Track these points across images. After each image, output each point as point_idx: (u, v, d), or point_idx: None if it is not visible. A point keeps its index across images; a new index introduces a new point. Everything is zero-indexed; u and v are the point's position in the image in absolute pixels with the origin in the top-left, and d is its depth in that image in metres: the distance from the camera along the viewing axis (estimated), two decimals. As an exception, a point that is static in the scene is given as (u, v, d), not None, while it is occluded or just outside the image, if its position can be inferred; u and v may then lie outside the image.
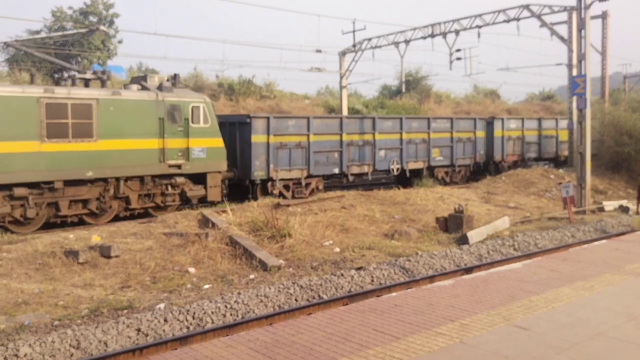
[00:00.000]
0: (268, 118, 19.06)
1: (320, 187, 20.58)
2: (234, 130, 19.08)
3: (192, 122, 16.93)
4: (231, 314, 9.44)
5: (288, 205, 16.42)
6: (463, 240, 14.74)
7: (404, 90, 36.89)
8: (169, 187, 16.76)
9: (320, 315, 6.63)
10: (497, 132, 27.07)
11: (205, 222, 14.48)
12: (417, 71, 43.89)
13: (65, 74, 16.68)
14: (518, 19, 23.10)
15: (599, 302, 6.75)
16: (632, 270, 8.37)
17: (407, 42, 27.95)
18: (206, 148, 17.27)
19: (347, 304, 9.16)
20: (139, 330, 8.61)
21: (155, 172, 16.32)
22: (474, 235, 14.92)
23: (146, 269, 11.80)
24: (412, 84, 43.05)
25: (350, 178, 21.83)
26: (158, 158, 16.27)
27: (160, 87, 16.74)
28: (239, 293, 10.27)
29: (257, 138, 18.71)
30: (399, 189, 20.95)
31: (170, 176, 16.72)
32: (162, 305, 9.79)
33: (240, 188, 19.18)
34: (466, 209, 16.09)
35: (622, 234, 14.36)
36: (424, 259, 12.75)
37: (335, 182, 23.19)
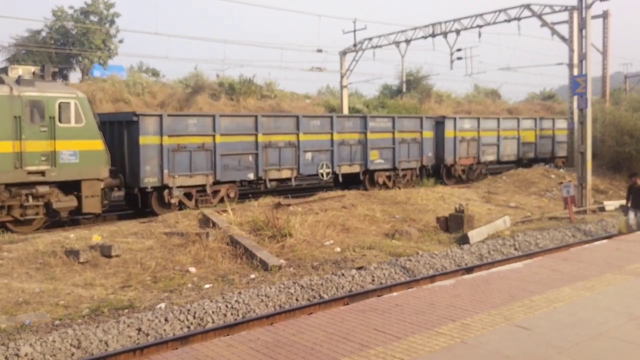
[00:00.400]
0: (160, 116, 16.69)
1: (232, 194, 18.36)
2: (122, 131, 16.81)
3: (60, 122, 14.50)
4: (232, 314, 9.45)
5: (289, 205, 16.41)
6: (464, 240, 14.73)
7: (404, 90, 36.97)
8: (30, 198, 14.30)
9: (321, 315, 6.63)
10: (449, 132, 25.03)
11: (205, 221, 14.48)
12: (417, 71, 43.94)
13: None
14: (519, 19, 23.13)
15: (600, 302, 6.74)
16: (633, 270, 8.36)
17: (407, 41, 27.99)
18: (79, 151, 14.76)
19: (347, 304, 9.15)
20: (139, 329, 8.61)
21: (9, 180, 13.90)
22: (474, 235, 14.91)
23: (147, 268, 11.80)
24: (413, 83, 43.10)
25: (270, 184, 19.68)
26: (13, 164, 13.86)
27: (18, 81, 14.40)
28: (240, 293, 10.27)
29: (147, 139, 16.30)
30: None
31: (32, 185, 14.30)
32: (162, 305, 9.79)
33: (132, 197, 17.33)
34: (467, 209, 16.08)
35: (623, 234, 14.34)
36: (424, 258, 12.75)
37: (254, 188, 20.99)
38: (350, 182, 21.82)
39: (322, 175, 20.57)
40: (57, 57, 34.93)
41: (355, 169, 21.69)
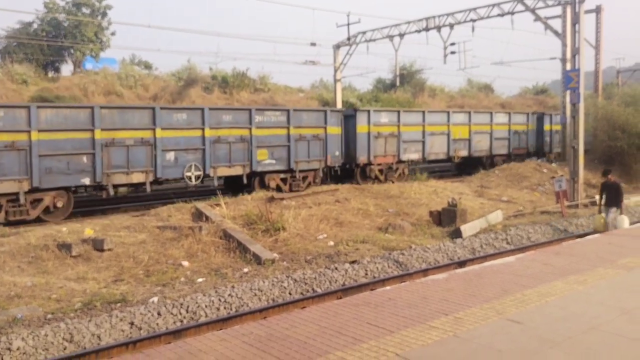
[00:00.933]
0: None
1: (61, 204, 15.21)
2: None
3: None
4: (225, 308, 9.44)
5: (282, 199, 16.41)
6: (456, 234, 14.78)
7: (398, 84, 36.94)
8: None
9: (314, 309, 6.63)
10: (362, 127, 21.98)
11: (198, 215, 14.45)
12: (411, 65, 43.90)
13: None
14: (512, 13, 23.10)
15: (592, 296, 6.77)
16: (625, 264, 8.40)
17: (401, 35, 27.92)
18: None
19: (341, 298, 9.18)
20: (132, 323, 8.60)
21: None
22: (467, 229, 14.96)
23: (139, 262, 11.77)
24: (407, 77, 43.07)
25: (114, 190, 16.28)
26: None
27: None
28: (233, 287, 10.27)
29: None
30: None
31: None
32: (155, 299, 9.77)
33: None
34: (460, 203, 16.13)
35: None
36: (417, 252, 12.78)
37: (96, 196, 17.87)
38: (235, 186, 19.00)
39: (189, 178, 17.20)
40: (48, 49, 34.65)
41: (237, 170, 18.47)
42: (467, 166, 26.92)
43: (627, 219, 13.78)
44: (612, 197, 13.75)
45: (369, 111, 22.62)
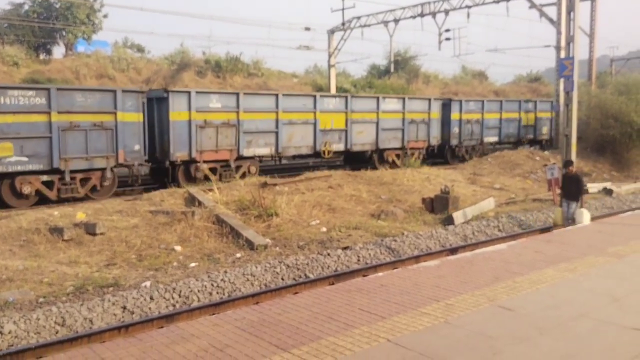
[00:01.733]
0: None
1: None
2: None
3: None
4: (217, 293, 9.46)
5: (275, 185, 16.40)
6: (449, 221, 14.83)
7: (392, 70, 36.83)
8: None
9: (306, 295, 6.65)
10: (178, 113, 17.04)
11: (191, 200, 14.42)
12: (405, 51, 43.85)
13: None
14: (508, 0, 23.07)
15: (582, 284, 6.82)
16: (615, 252, 8.46)
17: (396, 21, 27.84)
18: None
19: (333, 284, 9.20)
20: (124, 308, 8.60)
21: None
22: (459, 216, 15.02)
23: (132, 246, 11.76)
24: (401, 64, 42.99)
25: None
26: None
27: None
28: (226, 272, 10.28)
29: None
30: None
31: None
32: (148, 283, 9.77)
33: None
34: (452, 190, 16.18)
35: (605, 216, 14.50)
36: (409, 239, 12.82)
37: None
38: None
39: None
40: (40, 31, 34.28)
41: None
42: (348, 162, 23.47)
43: (588, 212, 13.23)
44: (573, 190, 13.18)
45: (189, 93, 17.44)
